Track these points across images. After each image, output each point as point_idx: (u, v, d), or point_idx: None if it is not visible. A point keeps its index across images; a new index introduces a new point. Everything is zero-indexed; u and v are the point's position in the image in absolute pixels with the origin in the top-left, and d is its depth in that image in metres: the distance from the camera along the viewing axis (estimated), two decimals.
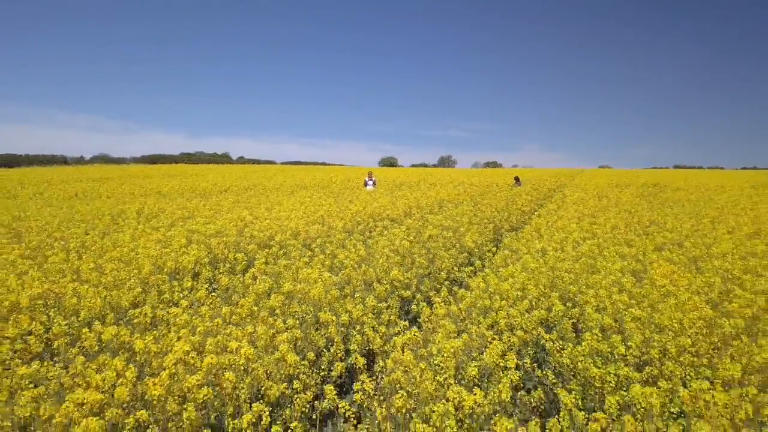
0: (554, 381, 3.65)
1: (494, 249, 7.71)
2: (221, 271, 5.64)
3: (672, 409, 2.93)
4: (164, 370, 2.94)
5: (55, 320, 4.01)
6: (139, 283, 4.93)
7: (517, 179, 23.67)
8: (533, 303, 4.74)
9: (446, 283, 5.72)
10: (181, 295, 4.79)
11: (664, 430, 2.63)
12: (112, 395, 2.80)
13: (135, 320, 3.96)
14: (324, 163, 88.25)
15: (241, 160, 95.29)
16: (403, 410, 2.87)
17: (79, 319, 4.15)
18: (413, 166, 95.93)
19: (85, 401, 2.66)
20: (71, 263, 5.47)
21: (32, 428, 2.45)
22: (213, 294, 4.56)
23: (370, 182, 19.32)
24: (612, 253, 6.64)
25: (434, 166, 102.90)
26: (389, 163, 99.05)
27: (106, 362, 3.08)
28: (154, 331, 3.54)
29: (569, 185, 25.51)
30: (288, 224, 8.09)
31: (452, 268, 6.45)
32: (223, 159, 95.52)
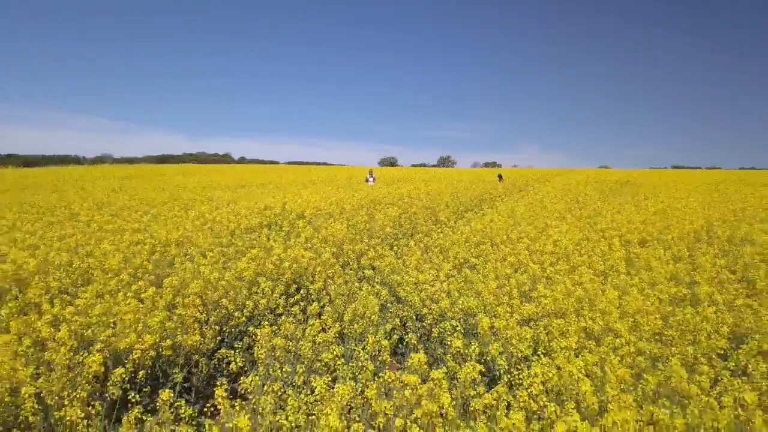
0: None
1: (459, 221, 10.78)
2: (277, 228, 8.72)
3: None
4: (271, 259, 6.02)
5: (191, 248, 7.08)
6: (227, 234, 8.00)
7: (500, 176, 26.74)
8: (472, 244, 7.80)
9: (421, 237, 8.79)
10: (252, 238, 7.86)
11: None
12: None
13: (243, 243, 7.04)
14: (325, 163, 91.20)
15: (243, 161, 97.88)
16: (389, 277, 5.94)
17: (203, 248, 7.21)
18: (413, 166, 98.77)
19: (241, 267, 5.72)
20: (179, 224, 8.53)
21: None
22: (281, 233, 7.64)
23: (371, 178, 22.39)
24: (539, 220, 9.70)
25: (434, 166, 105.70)
26: (389, 163, 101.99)
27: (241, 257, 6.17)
28: (256, 249, 6.61)
29: (549, 181, 28.60)
30: (312, 204, 11.17)
31: (428, 232, 9.51)
32: (226, 159, 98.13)
